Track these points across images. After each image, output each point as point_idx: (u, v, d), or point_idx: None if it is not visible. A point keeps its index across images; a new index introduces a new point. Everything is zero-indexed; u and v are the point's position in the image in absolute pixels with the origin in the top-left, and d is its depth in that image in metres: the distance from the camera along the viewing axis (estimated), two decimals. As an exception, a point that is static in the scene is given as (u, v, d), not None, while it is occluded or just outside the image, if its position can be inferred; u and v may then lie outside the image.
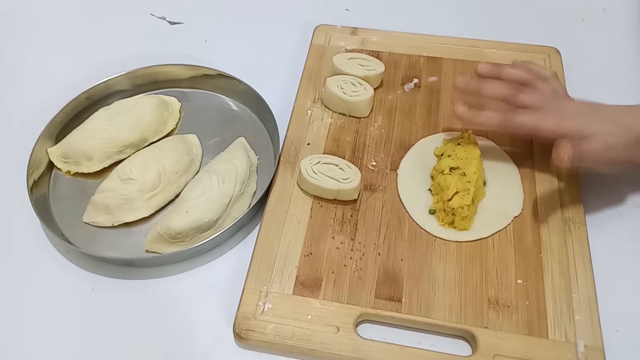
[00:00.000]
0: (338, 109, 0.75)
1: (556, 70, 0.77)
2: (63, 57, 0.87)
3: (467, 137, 0.68)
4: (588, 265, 0.60)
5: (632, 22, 0.88)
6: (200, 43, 0.88)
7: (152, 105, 0.74)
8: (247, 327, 0.57)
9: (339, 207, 0.66)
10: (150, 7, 0.93)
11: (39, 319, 0.61)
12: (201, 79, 0.79)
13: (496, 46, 0.81)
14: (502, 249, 0.62)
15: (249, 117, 0.77)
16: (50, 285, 0.63)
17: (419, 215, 0.65)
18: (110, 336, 0.60)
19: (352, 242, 0.63)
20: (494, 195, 0.66)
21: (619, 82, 0.80)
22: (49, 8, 0.94)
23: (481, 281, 0.60)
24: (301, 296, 0.60)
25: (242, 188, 0.67)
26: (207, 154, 0.73)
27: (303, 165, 0.66)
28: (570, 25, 0.88)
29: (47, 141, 0.72)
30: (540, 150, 0.70)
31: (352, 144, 0.72)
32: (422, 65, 0.80)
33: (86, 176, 0.71)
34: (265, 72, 0.81)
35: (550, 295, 0.59)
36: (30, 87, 0.84)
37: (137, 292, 0.63)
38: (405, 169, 0.69)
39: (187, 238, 0.64)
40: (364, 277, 0.61)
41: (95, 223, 0.67)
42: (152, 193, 0.67)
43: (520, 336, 0.56)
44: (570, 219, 0.64)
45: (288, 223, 0.65)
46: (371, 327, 0.59)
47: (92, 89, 0.76)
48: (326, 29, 0.85)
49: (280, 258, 0.62)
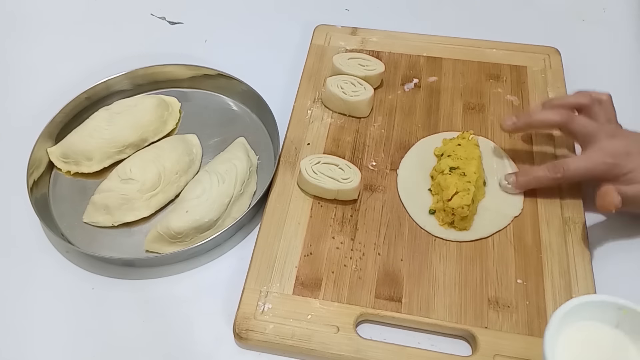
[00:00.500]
0: (338, 109, 0.75)
1: (556, 70, 0.77)
2: (63, 57, 0.87)
3: (467, 137, 0.68)
4: (588, 265, 0.60)
5: (632, 22, 0.88)
6: (200, 43, 0.88)
7: (152, 105, 0.74)
8: (247, 327, 0.57)
9: (339, 207, 0.66)
10: (150, 7, 0.93)
11: (39, 319, 0.61)
12: (201, 79, 0.79)
13: (496, 46, 0.81)
14: (502, 249, 0.62)
15: (249, 117, 0.77)
16: (50, 285, 0.63)
17: (419, 215, 0.65)
18: (110, 336, 0.60)
19: (352, 242, 0.63)
20: (494, 195, 0.66)
21: (619, 82, 0.80)
22: (49, 8, 0.94)
23: (481, 281, 0.60)
24: (301, 296, 0.60)
25: (242, 188, 0.67)
26: (207, 154, 0.73)
27: (303, 165, 0.66)
28: (570, 25, 0.88)
29: (47, 141, 0.72)
30: (540, 150, 0.70)
31: (352, 144, 0.72)
32: (422, 65, 0.80)
33: (86, 176, 0.71)
34: (265, 72, 0.81)
35: (550, 295, 0.59)
36: (30, 87, 0.84)
37: (137, 292, 0.63)
38: (405, 169, 0.69)
39: (187, 238, 0.64)
40: (364, 277, 0.61)
41: (95, 223, 0.67)
42: (152, 193, 0.67)
43: (520, 336, 0.56)
44: (570, 219, 0.64)
45: (288, 223, 0.65)
46: (371, 327, 0.59)
47: (92, 89, 0.76)
48: (326, 29, 0.85)
49: (280, 258, 0.62)
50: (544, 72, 0.78)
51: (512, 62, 0.79)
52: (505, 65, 0.79)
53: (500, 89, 0.77)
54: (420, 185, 0.68)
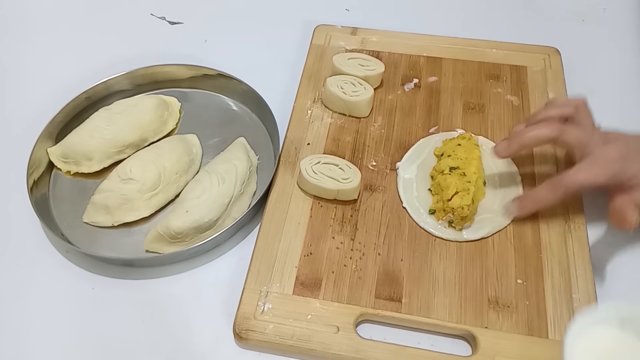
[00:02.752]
0: (338, 109, 0.75)
1: (556, 70, 0.77)
2: (63, 57, 0.87)
3: (467, 138, 0.68)
4: (588, 265, 0.60)
5: (632, 22, 0.88)
6: (200, 43, 0.88)
7: (152, 105, 0.74)
8: (247, 327, 0.57)
9: (339, 207, 0.66)
10: (150, 7, 0.93)
11: (39, 319, 0.61)
12: (201, 79, 0.79)
13: (496, 46, 0.81)
14: (502, 249, 0.62)
15: (249, 117, 0.77)
16: (50, 285, 0.63)
17: (419, 215, 0.65)
18: (110, 336, 0.60)
19: (352, 242, 0.63)
20: (494, 195, 0.66)
21: (619, 82, 0.80)
22: (49, 8, 0.94)
23: (481, 281, 0.60)
24: (301, 296, 0.60)
25: (242, 188, 0.67)
26: (207, 154, 0.73)
27: (303, 165, 0.66)
28: (570, 25, 0.88)
29: (47, 141, 0.72)
30: (540, 150, 0.70)
31: (352, 144, 0.72)
32: (422, 65, 0.80)
33: (86, 176, 0.71)
34: (265, 72, 0.81)
35: (550, 295, 0.59)
36: (30, 87, 0.84)
37: (137, 292, 0.63)
38: (405, 169, 0.69)
39: (187, 238, 0.64)
40: (364, 277, 0.61)
41: (95, 223, 0.67)
42: (152, 193, 0.67)
43: (520, 336, 0.56)
44: (570, 219, 0.64)
45: (288, 223, 0.65)
46: (371, 327, 0.59)
47: (92, 89, 0.76)
48: (326, 29, 0.85)
49: (280, 258, 0.62)
50: (544, 72, 0.78)
51: (512, 62, 0.79)
52: (505, 65, 0.79)
53: (500, 89, 0.77)
54: (420, 185, 0.68)
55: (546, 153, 0.70)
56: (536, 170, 0.68)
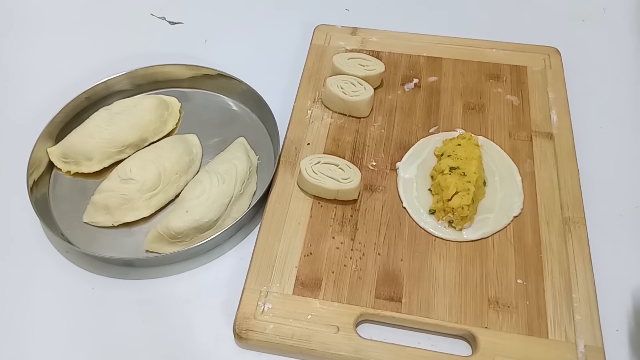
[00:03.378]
0: (338, 109, 0.75)
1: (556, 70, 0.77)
2: (63, 57, 0.87)
3: (467, 138, 0.68)
4: (588, 265, 0.60)
5: (632, 22, 0.88)
6: (200, 43, 0.88)
7: (152, 105, 0.74)
8: (247, 327, 0.57)
9: (339, 207, 0.66)
10: (150, 7, 0.93)
11: (39, 318, 0.61)
12: (201, 79, 0.79)
13: (496, 46, 0.81)
14: (502, 249, 0.62)
15: (249, 117, 0.77)
16: (50, 285, 0.63)
17: (419, 215, 0.65)
18: (110, 336, 0.60)
19: (352, 242, 0.63)
20: (494, 195, 0.66)
21: (619, 82, 0.80)
22: (49, 8, 0.94)
23: (481, 281, 0.60)
24: (301, 296, 0.60)
25: (242, 188, 0.67)
26: (207, 154, 0.73)
27: (303, 165, 0.66)
28: (570, 25, 0.88)
29: (47, 141, 0.72)
30: (540, 150, 0.70)
31: (352, 144, 0.72)
32: (422, 65, 0.80)
33: (86, 176, 0.71)
34: (265, 72, 0.81)
35: (550, 295, 0.59)
36: (30, 87, 0.84)
37: (137, 292, 0.63)
38: (405, 169, 0.69)
39: (187, 238, 0.64)
40: (364, 277, 0.61)
41: (95, 223, 0.67)
42: (152, 193, 0.67)
43: (520, 336, 0.56)
44: (570, 219, 0.64)
45: (288, 223, 0.65)
46: (371, 327, 0.59)
47: (92, 89, 0.76)
48: (326, 29, 0.85)
49: (280, 258, 0.62)
50: (544, 72, 0.78)
51: (512, 62, 0.79)
52: (505, 65, 0.79)
53: (500, 89, 0.77)
54: (420, 185, 0.68)
55: (546, 153, 0.70)
56: (536, 169, 0.68)
